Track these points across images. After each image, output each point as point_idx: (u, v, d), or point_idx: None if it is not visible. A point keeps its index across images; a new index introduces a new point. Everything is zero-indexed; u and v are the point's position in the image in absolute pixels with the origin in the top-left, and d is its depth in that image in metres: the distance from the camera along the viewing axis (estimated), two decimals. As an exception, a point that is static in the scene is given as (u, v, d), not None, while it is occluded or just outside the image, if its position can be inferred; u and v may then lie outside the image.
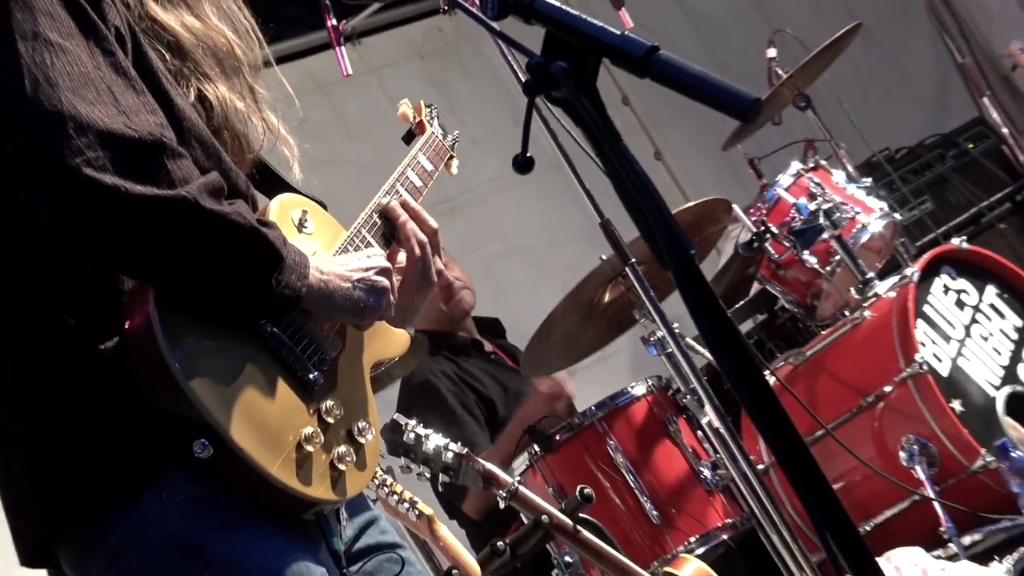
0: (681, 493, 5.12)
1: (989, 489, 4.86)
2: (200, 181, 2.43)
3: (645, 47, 1.81)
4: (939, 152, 8.31)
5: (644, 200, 1.84)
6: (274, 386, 2.55)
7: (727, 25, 8.68)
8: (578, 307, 5.34)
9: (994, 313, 5.37)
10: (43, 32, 2.42)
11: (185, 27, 2.72)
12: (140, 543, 2.47)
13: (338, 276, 2.66)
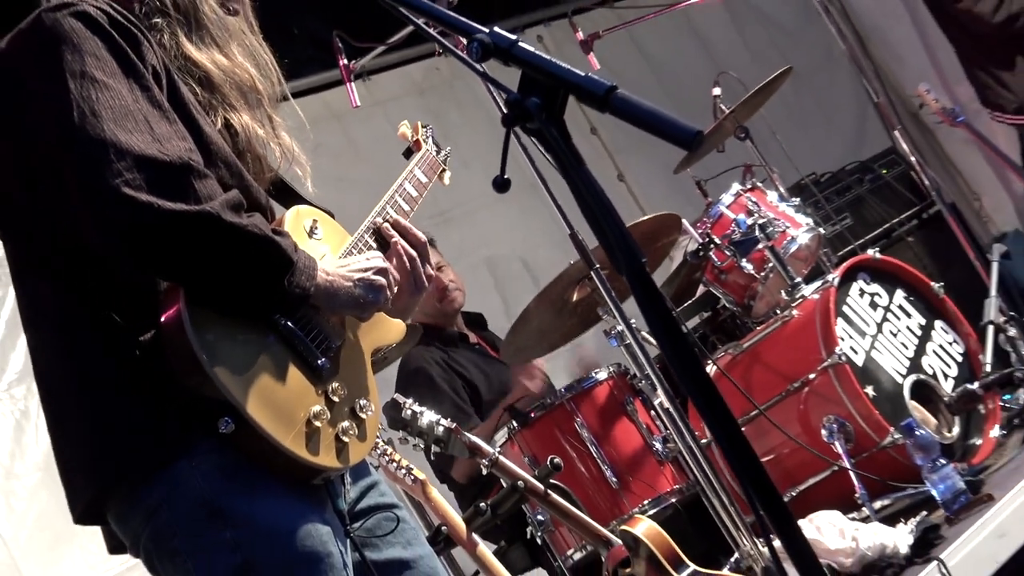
0: (636, 463, 5.14)
1: (896, 462, 4.87)
2: (222, 198, 2.47)
3: (605, 87, 1.81)
4: (858, 176, 8.33)
5: (602, 214, 1.86)
6: (287, 370, 2.59)
7: (679, 68, 8.69)
8: (550, 304, 5.35)
9: (902, 313, 5.39)
10: (90, 71, 2.47)
11: (215, 64, 2.77)
12: (173, 503, 2.52)
13: (341, 276, 2.69)
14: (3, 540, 5.45)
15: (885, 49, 9.75)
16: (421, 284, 3.00)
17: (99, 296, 2.55)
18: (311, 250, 2.71)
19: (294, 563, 2.56)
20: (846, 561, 4.40)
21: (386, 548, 2.85)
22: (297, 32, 7.20)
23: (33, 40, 2.57)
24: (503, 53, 1.87)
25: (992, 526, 4.38)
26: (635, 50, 8.68)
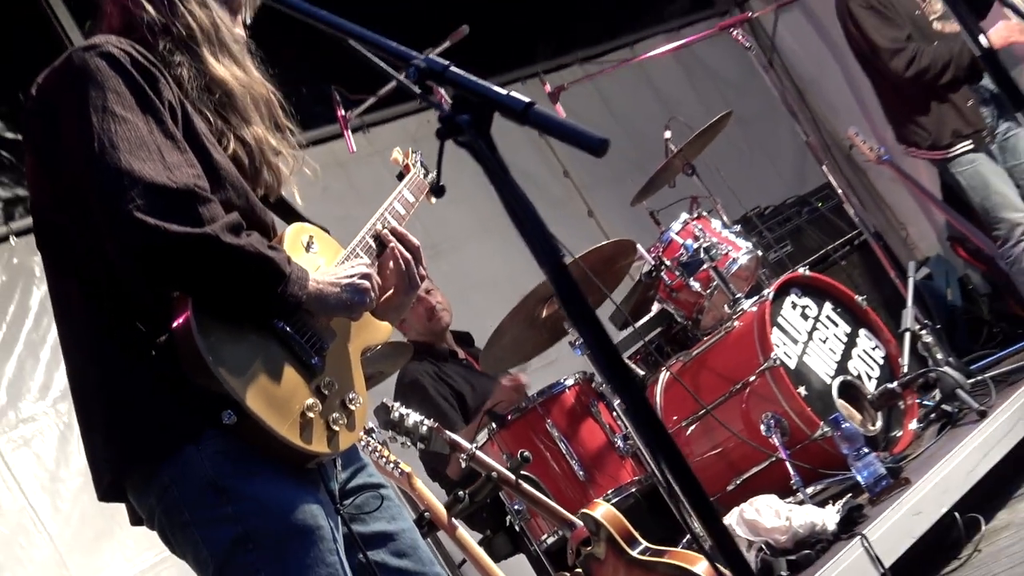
0: (601, 458, 5.13)
1: (826, 452, 4.88)
2: (223, 221, 2.50)
3: (524, 103, 1.81)
4: (796, 209, 8.33)
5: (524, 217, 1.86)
6: (283, 368, 2.61)
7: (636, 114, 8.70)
8: (522, 319, 5.34)
9: (830, 323, 5.40)
10: (111, 106, 2.52)
11: (235, 78, 2.79)
12: (182, 482, 2.55)
13: (330, 284, 2.70)
14: (50, 537, 5.46)
15: (821, 99, 9.80)
16: (415, 282, 3.01)
17: (120, 303, 2.58)
18: (307, 262, 2.75)
19: (287, 534, 2.58)
20: (781, 538, 4.39)
21: (372, 522, 2.86)
22: (305, 91, 7.23)
23: (64, 78, 2.63)
24: (437, 76, 1.87)
25: (908, 505, 4.39)
26: (598, 99, 8.70)
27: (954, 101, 6.22)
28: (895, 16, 6.25)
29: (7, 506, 5.42)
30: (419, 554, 2.91)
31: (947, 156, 6.32)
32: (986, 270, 8.23)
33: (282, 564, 2.57)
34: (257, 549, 2.56)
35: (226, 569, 2.57)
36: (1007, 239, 6.35)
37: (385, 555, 2.84)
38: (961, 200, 6.91)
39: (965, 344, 7.23)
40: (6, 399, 5.61)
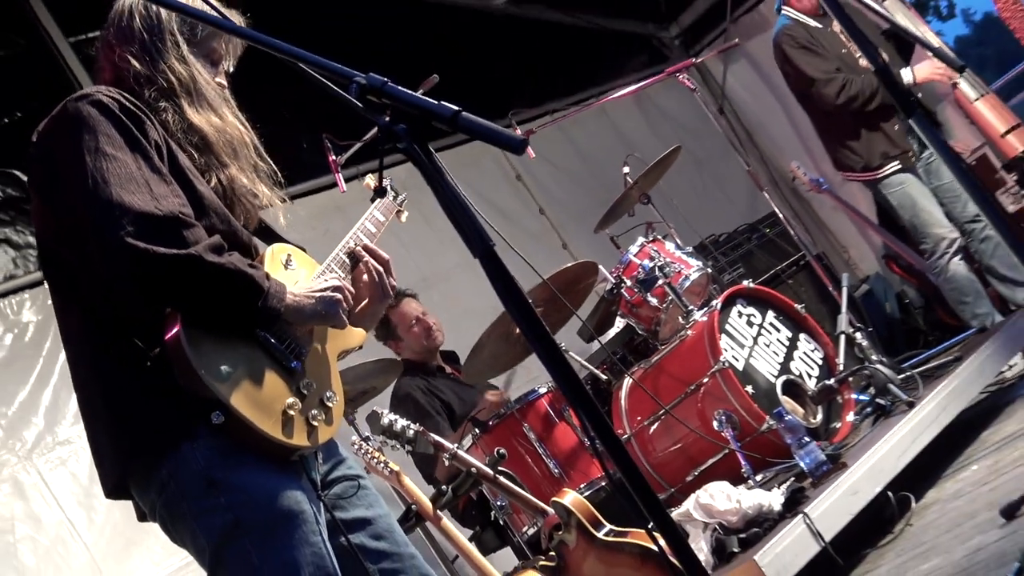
0: (573, 456, 5.14)
1: (772, 443, 4.87)
2: (206, 243, 2.54)
3: (452, 111, 1.84)
4: (747, 235, 8.37)
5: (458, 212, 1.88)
6: (265, 372, 2.66)
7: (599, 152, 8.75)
8: (499, 336, 5.37)
9: (772, 329, 5.41)
10: (102, 147, 2.58)
11: (211, 125, 2.85)
12: (179, 477, 2.58)
13: (306, 296, 2.74)
14: (86, 546, 5.46)
15: (767, 139, 9.86)
16: (387, 292, 3.04)
17: (116, 322, 2.62)
18: (286, 277, 2.81)
19: (274, 519, 2.60)
20: (733, 519, 4.38)
21: (352, 509, 2.88)
22: (305, 146, 7.27)
23: (60, 124, 2.68)
24: (376, 91, 1.89)
25: (846, 486, 4.38)
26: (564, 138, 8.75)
27: (882, 127, 6.27)
28: (824, 52, 6.31)
29: (47, 519, 5.43)
30: (394, 536, 2.93)
31: (878, 177, 6.35)
32: (918, 284, 8.25)
33: (270, 546, 2.59)
34: (248, 534, 2.58)
35: (221, 553, 2.59)
36: (933, 252, 6.38)
37: (364, 538, 2.86)
38: (893, 220, 6.94)
39: (903, 352, 7.23)
40: (44, 424, 5.62)
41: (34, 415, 5.63)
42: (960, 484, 4.52)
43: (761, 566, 3.99)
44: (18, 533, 5.36)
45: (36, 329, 5.83)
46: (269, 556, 2.58)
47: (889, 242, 8.13)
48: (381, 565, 2.85)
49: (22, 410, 5.61)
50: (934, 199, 6.37)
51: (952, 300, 6.52)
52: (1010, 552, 3.22)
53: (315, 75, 1.94)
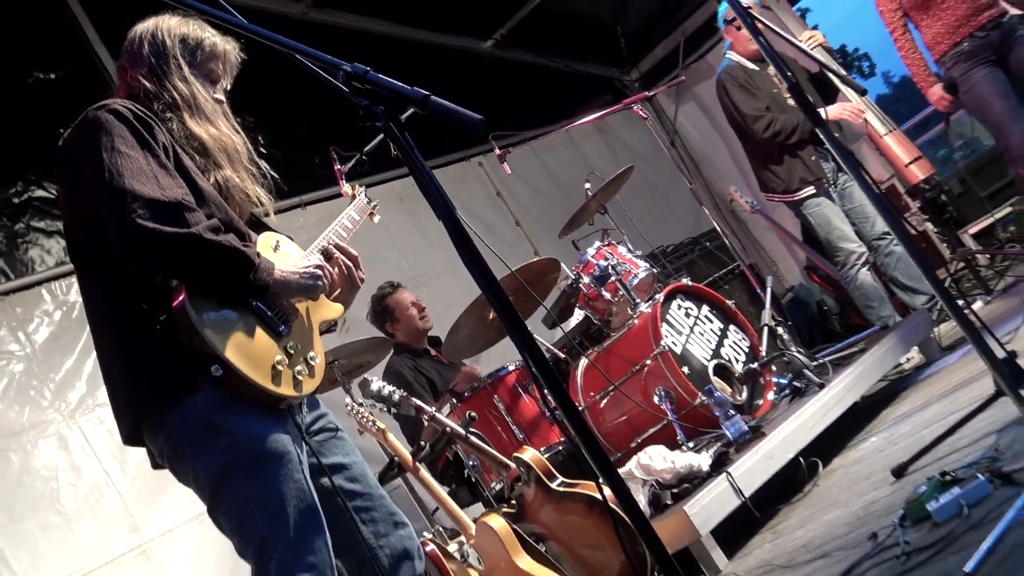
0: (535, 424, 5.15)
1: (703, 415, 4.87)
2: (205, 224, 2.63)
3: (422, 95, 1.85)
4: (691, 247, 8.43)
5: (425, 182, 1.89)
6: (258, 334, 2.74)
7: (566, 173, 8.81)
8: (475, 319, 5.38)
9: (707, 320, 5.43)
10: (116, 146, 2.65)
11: (208, 134, 2.92)
12: (184, 423, 2.64)
13: (291, 272, 2.82)
14: (119, 492, 5.48)
15: (710, 167, 9.93)
16: (355, 283, 3.11)
17: (131, 294, 2.68)
18: (275, 258, 2.86)
19: (263, 458, 2.65)
20: (668, 476, 4.40)
21: (331, 455, 2.94)
22: (317, 161, 7.29)
23: (82, 128, 2.74)
24: (359, 78, 1.90)
25: (763, 451, 4.40)
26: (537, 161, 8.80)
27: (801, 156, 6.29)
28: (758, 92, 6.32)
29: (87, 469, 5.43)
30: (367, 480, 2.99)
31: (795, 199, 6.37)
32: (835, 292, 8.29)
33: (260, 480, 2.63)
34: (242, 471, 2.63)
35: (219, 487, 2.65)
36: (845, 264, 6.40)
37: (342, 480, 2.92)
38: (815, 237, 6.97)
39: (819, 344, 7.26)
40: (86, 389, 5.63)
41: (78, 381, 5.64)
42: (861, 452, 4.54)
43: (690, 515, 4.02)
44: (61, 480, 5.36)
45: (81, 308, 5.80)
46: (259, 489, 2.63)
47: (811, 256, 8.16)
48: (355, 503, 2.91)
49: (68, 376, 5.62)
50: (846, 219, 6.40)
51: (860, 304, 6.54)
52: (897, 503, 3.24)
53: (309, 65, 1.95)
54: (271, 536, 2.61)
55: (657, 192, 9.12)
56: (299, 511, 2.64)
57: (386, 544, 2.92)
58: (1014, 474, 2.84)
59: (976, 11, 5.62)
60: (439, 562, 3.91)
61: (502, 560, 3.95)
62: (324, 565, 2.66)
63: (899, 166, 7.62)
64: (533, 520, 4.23)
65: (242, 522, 2.64)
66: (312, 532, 2.66)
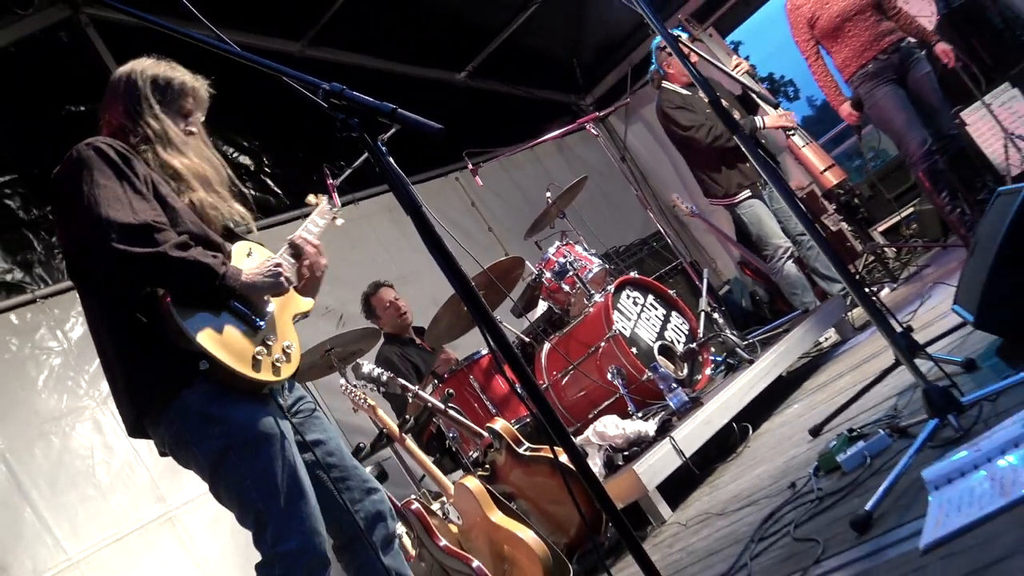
0: (506, 400, 5.16)
1: (650, 389, 4.90)
2: (172, 242, 2.62)
3: (390, 108, 1.85)
4: (640, 247, 8.44)
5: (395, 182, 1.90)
6: (238, 330, 2.74)
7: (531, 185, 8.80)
8: (453, 312, 5.39)
9: (652, 307, 5.45)
10: (96, 179, 2.67)
11: (180, 163, 2.91)
12: (182, 416, 2.65)
13: (255, 273, 2.81)
14: (147, 468, 5.45)
15: (656, 179, 9.95)
16: (320, 271, 3.07)
17: (124, 304, 2.66)
18: (246, 264, 2.86)
19: (256, 440, 2.65)
20: (619, 441, 4.43)
21: (310, 433, 2.92)
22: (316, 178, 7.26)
23: (69, 164, 2.73)
24: (336, 95, 1.90)
25: (701, 418, 4.43)
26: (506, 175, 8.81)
27: (737, 165, 6.32)
28: (694, 109, 6.36)
29: (118, 448, 5.40)
30: (341, 453, 2.98)
31: (734, 201, 6.41)
32: (764, 284, 8.34)
33: (254, 461, 2.63)
34: (237, 454, 2.62)
35: (217, 469, 2.65)
36: (773, 256, 6.44)
37: (321, 454, 2.90)
38: (745, 234, 7.00)
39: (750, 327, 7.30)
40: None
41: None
42: (785, 417, 4.58)
43: (639, 474, 4.05)
44: (96, 458, 5.34)
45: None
46: (253, 468, 2.62)
47: (743, 253, 8.22)
48: (333, 474, 2.90)
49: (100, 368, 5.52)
50: (774, 218, 6.44)
51: (786, 292, 6.59)
52: (813, 458, 3.27)
53: (294, 84, 1.95)
54: (266, 507, 2.61)
55: (609, 200, 9.14)
56: (289, 484, 2.64)
57: (361, 508, 2.92)
58: (909, 428, 2.88)
59: (878, 37, 5.68)
60: (423, 519, 3.92)
61: (478, 516, 3.97)
62: (313, 529, 2.67)
63: (816, 173, 7.68)
64: (504, 481, 4.25)
65: (240, 497, 2.64)
66: (301, 501, 2.66)
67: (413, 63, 8.65)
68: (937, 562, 1.89)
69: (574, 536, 4.09)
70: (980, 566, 1.75)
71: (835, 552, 2.33)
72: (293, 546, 2.62)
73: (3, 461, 5.15)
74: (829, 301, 6.02)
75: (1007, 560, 1.70)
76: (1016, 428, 2.15)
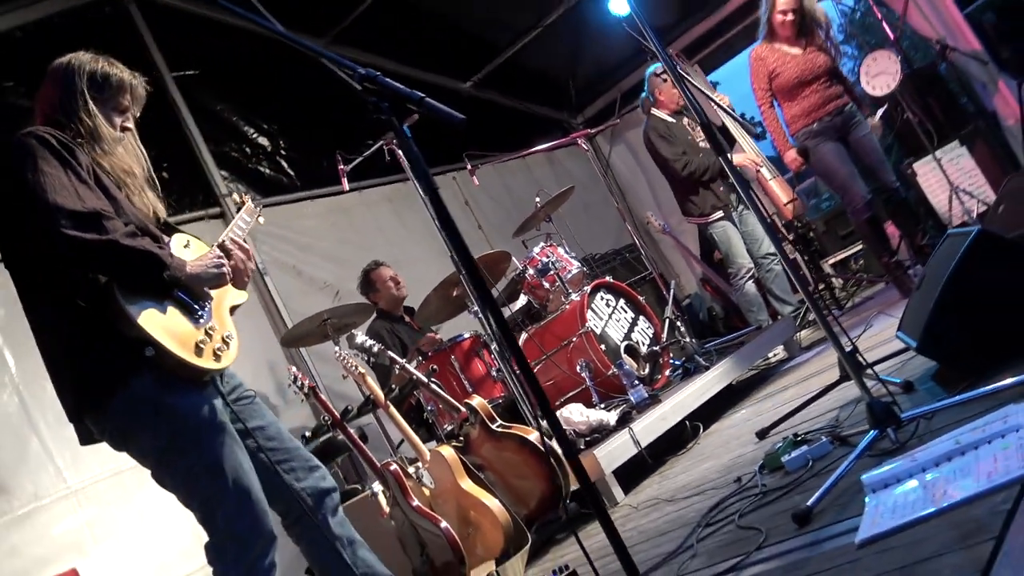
0: (482, 381, 5.13)
1: (614, 383, 4.90)
2: (122, 231, 2.51)
3: (419, 96, 1.84)
4: (614, 256, 8.46)
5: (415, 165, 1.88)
6: (181, 319, 2.62)
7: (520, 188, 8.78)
8: (442, 296, 5.37)
9: (622, 310, 5.45)
10: (40, 166, 2.50)
11: (108, 160, 2.74)
12: (129, 405, 2.51)
13: (199, 266, 2.70)
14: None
15: (634, 196, 9.94)
16: (248, 272, 2.93)
17: (66, 293, 2.53)
18: (186, 255, 2.74)
19: (199, 427, 2.56)
20: (583, 428, 4.42)
21: (251, 420, 2.83)
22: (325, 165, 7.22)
23: (11, 152, 2.57)
24: (370, 80, 1.89)
25: (658, 413, 4.44)
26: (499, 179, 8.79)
27: (712, 188, 6.35)
28: (675, 140, 6.37)
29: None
30: (282, 436, 2.89)
31: (707, 221, 6.43)
32: (722, 301, 8.37)
33: (200, 447, 2.55)
34: (182, 440, 2.54)
35: (163, 458, 2.56)
36: (736, 274, 6.47)
37: (262, 439, 2.81)
38: (709, 253, 7.04)
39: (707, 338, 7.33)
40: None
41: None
42: (733, 420, 4.60)
43: (598, 458, 4.05)
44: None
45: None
46: (201, 455, 2.54)
47: (705, 271, 8.26)
48: (275, 457, 2.81)
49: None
50: (741, 239, 6.48)
51: (743, 308, 6.62)
52: (759, 457, 3.28)
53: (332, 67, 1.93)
54: (214, 493, 2.54)
55: (589, 211, 9.12)
56: (234, 469, 2.57)
57: (306, 486, 2.85)
58: (849, 438, 2.90)
59: (826, 101, 5.86)
60: (400, 479, 3.90)
61: (449, 482, 3.96)
62: (261, 510, 2.61)
63: (779, 204, 7.72)
64: (476, 453, 4.24)
65: (187, 484, 2.56)
66: (247, 485, 2.59)
67: (424, 69, 8.63)
68: (872, 555, 1.90)
69: (534, 508, 4.09)
70: (912, 562, 1.76)
71: (776, 541, 2.34)
72: (244, 527, 2.56)
73: (16, 392, 5.08)
74: (780, 321, 6.05)
75: (937, 558, 1.72)
76: (949, 444, 2.17)
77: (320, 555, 2.88)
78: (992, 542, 1.65)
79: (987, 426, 2.16)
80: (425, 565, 3.79)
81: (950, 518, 1.86)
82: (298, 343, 5.58)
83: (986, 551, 1.63)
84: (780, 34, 5.87)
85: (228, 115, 7.14)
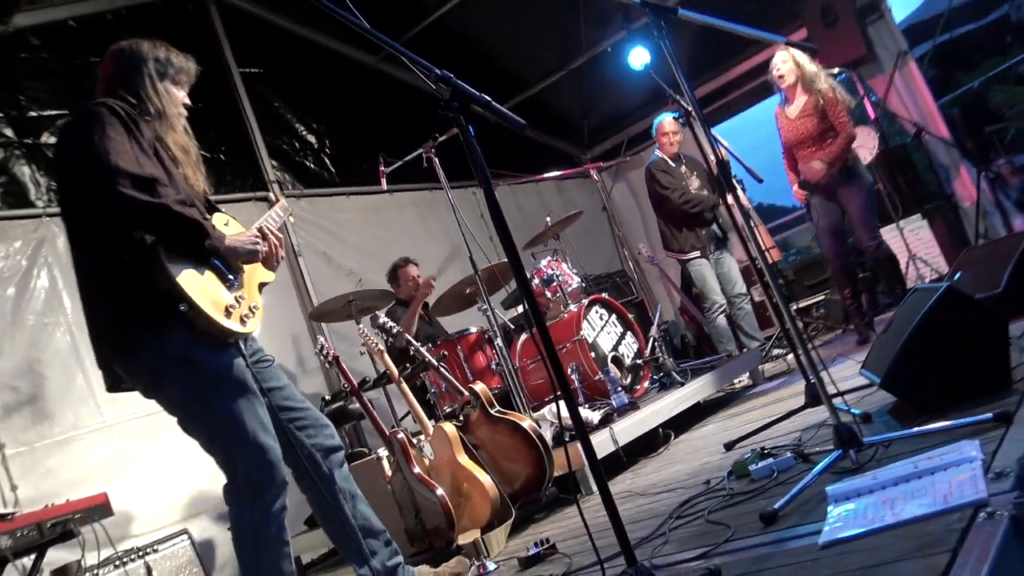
0: (483, 371, 5.12)
1: (600, 387, 4.89)
2: (174, 197, 2.48)
3: (487, 99, 1.83)
4: (607, 279, 8.41)
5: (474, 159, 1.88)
6: (215, 283, 2.60)
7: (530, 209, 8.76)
8: (454, 295, 5.37)
9: (613, 324, 5.43)
10: (107, 132, 2.47)
11: (171, 138, 2.73)
12: (162, 356, 2.48)
13: (238, 241, 2.68)
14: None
15: (629, 229, 9.93)
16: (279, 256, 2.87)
17: (112, 248, 2.49)
18: (226, 232, 2.71)
19: (225, 382, 2.54)
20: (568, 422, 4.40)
21: (269, 381, 2.80)
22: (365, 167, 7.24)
23: (79, 118, 2.55)
24: (444, 80, 1.88)
25: (636, 418, 4.43)
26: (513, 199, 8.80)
27: (695, 230, 6.37)
28: (674, 176, 6.40)
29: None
30: (296, 396, 2.87)
31: (685, 257, 6.45)
32: (695, 329, 8.37)
33: (221, 399, 2.53)
34: (208, 394, 2.51)
35: (190, 408, 2.54)
36: (710, 309, 6.48)
37: (279, 399, 2.80)
38: (690, 286, 7.03)
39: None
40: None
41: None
42: (702, 432, 4.59)
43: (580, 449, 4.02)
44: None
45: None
46: (226, 409, 2.52)
47: (684, 301, 8.24)
48: (290, 415, 2.80)
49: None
50: (716, 279, 6.49)
51: (715, 339, 6.62)
52: (726, 465, 3.27)
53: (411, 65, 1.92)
54: (234, 444, 2.53)
55: (591, 237, 9.12)
56: (254, 423, 2.55)
57: (316, 443, 2.84)
58: (811, 456, 2.89)
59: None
60: (405, 447, 3.87)
61: (448, 455, 3.94)
62: (276, 459, 2.60)
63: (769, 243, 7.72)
64: (473, 434, 4.22)
65: (210, 434, 2.55)
66: (265, 438, 2.57)
67: (459, 93, 8.65)
68: (834, 556, 1.89)
69: (519, 488, 4.07)
70: (872, 564, 1.75)
71: (744, 536, 2.33)
72: (261, 475, 2.54)
73: (69, 331, 5.05)
74: (748, 352, 6.06)
75: (897, 563, 1.71)
76: (908, 467, 2.16)
77: (324, 505, 2.87)
78: (948, 554, 1.65)
79: (943, 456, 2.16)
80: (417, 527, 3.76)
81: (908, 531, 1.85)
82: (323, 319, 5.56)
83: (943, 561, 1.62)
84: (785, 95, 5.82)
85: (283, 111, 7.15)
